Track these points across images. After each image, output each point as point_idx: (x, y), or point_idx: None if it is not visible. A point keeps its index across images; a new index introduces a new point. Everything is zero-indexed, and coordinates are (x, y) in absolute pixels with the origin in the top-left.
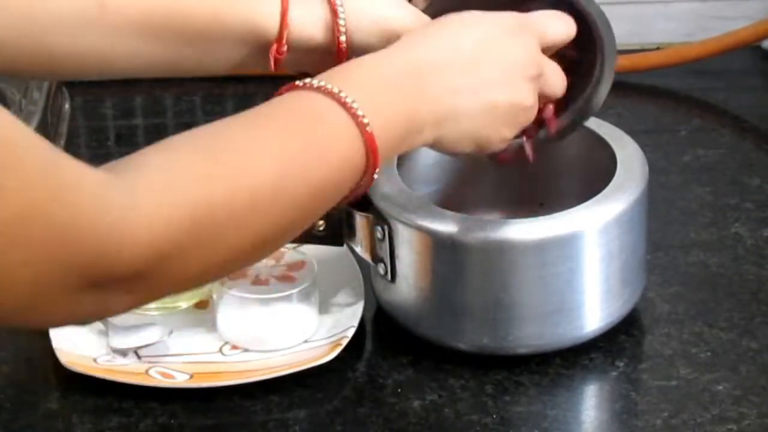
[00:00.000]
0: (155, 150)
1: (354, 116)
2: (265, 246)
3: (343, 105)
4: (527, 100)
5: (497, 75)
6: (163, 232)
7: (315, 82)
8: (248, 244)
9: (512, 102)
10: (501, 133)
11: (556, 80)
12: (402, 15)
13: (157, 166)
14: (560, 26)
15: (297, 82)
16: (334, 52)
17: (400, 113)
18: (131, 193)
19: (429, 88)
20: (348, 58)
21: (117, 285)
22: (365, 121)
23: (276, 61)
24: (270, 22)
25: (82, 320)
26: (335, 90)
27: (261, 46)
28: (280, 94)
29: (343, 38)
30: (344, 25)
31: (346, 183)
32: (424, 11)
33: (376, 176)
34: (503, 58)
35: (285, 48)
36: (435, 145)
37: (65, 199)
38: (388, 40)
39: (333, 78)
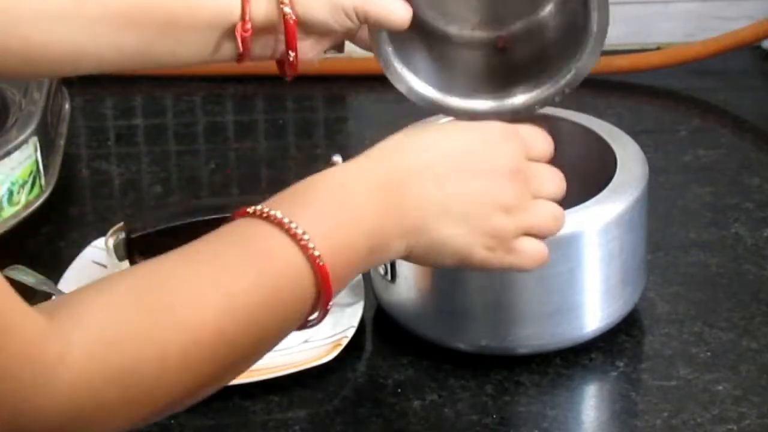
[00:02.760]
0: (95, 296)
1: (304, 248)
2: (198, 393)
3: (293, 237)
4: (509, 209)
5: (473, 184)
6: (87, 392)
7: (265, 209)
8: (178, 396)
9: (488, 212)
10: (482, 246)
11: (551, 182)
12: None
13: (94, 320)
14: (541, 143)
15: (247, 209)
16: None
17: (359, 235)
18: (63, 347)
19: (394, 202)
20: (299, 34)
21: None
22: (316, 253)
23: (244, 42)
24: (234, 0)
25: None
26: (285, 220)
27: (230, 29)
28: (231, 220)
29: (288, 10)
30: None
31: (294, 320)
32: None
33: (330, 306)
34: (482, 167)
35: (249, 26)
36: (411, 258)
37: (2, 341)
38: (337, 11)
39: (285, 203)
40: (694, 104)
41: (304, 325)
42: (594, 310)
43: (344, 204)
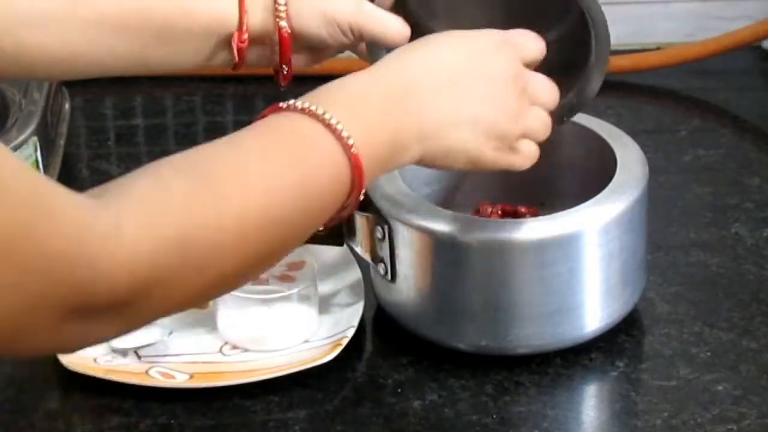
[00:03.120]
0: (142, 174)
1: (339, 138)
2: (253, 269)
3: (328, 126)
4: (513, 113)
5: (479, 90)
6: (148, 260)
7: (299, 103)
8: (235, 269)
9: (496, 116)
10: (492, 148)
11: (546, 91)
12: (342, 3)
13: (143, 192)
14: (533, 45)
15: (280, 104)
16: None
17: (384, 132)
18: (115, 220)
19: (412, 105)
20: (294, 47)
21: (101, 313)
22: (350, 141)
23: (240, 51)
24: (231, 9)
25: (66, 349)
26: (319, 111)
27: (226, 37)
28: (263, 116)
29: (283, 24)
30: (284, 11)
31: (332, 204)
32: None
33: (361, 197)
34: (485, 74)
35: (246, 36)
36: (424, 162)
37: (48, 225)
38: (332, 27)
39: (317, 99)
40: (694, 104)
41: (340, 210)
42: (594, 310)
43: (367, 106)
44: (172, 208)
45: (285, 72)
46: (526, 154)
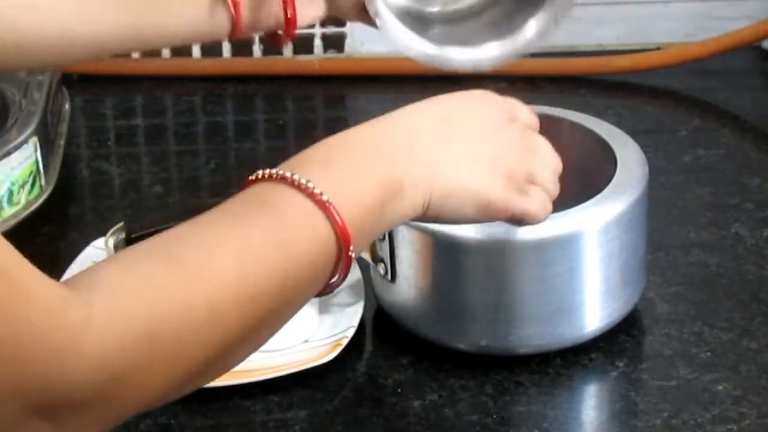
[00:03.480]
0: (114, 263)
1: (312, 195)
2: (231, 356)
3: (298, 187)
4: (516, 150)
5: (476, 129)
6: (117, 352)
7: (272, 171)
8: (210, 355)
9: (499, 151)
10: (501, 185)
11: (543, 146)
12: None
13: (113, 282)
14: (522, 108)
15: (251, 177)
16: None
17: (369, 181)
18: (86, 310)
19: (400, 148)
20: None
21: (68, 411)
22: (324, 198)
23: (236, 8)
24: None
25: None
26: (287, 174)
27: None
28: (241, 189)
29: None
30: None
31: (316, 271)
32: None
33: (353, 257)
34: (479, 115)
35: None
36: (430, 211)
37: (19, 309)
38: None
39: (289, 164)
40: (694, 104)
41: (325, 288)
42: (594, 310)
43: (346, 158)
44: (140, 297)
45: (289, 16)
46: (539, 202)
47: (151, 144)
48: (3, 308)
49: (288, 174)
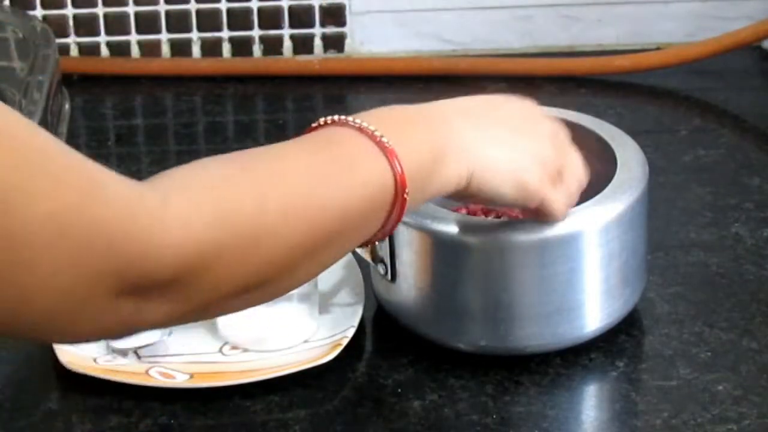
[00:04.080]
0: (188, 165)
1: (378, 142)
2: (299, 267)
3: (365, 132)
4: (552, 143)
5: (512, 119)
6: (195, 236)
7: (335, 117)
8: (281, 258)
9: (537, 143)
10: (537, 173)
11: (579, 163)
12: None
13: (187, 175)
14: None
15: (313, 124)
16: None
17: (421, 142)
18: (162, 197)
19: (450, 123)
20: None
21: (153, 291)
22: (385, 141)
23: None
24: None
25: (115, 332)
26: (355, 122)
27: None
28: (311, 130)
29: None
30: None
31: (375, 207)
32: None
33: (407, 202)
34: (516, 110)
35: None
36: (473, 183)
37: (97, 200)
38: None
39: (363, 117)
40: (694, 104)
41: (380, 231)
42: (594, 310)
43: (402, 123)
44: (216, 190)
45: None
46: (565, 199)
47: (151, 144)
48: (86, 205)
49: (357, 122)
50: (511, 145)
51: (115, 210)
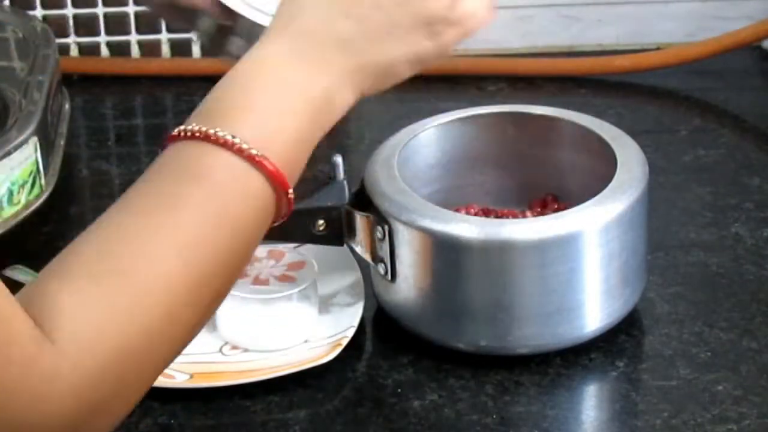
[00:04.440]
0: (64, 288)
1: (239, 151)
2: (197, 329)
3: (224, 144)
4: (427, 5)
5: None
6: (92, 386)
7: (194, 129)
8: (178, 347)
9: (408, 9)
10: (427, 35)
11: None
12: None
13: (71, 313)
14: None
15: (173, 132)
16: None
17: (293, 109)
18: (56, 351)
19: (312, 60)
20: None
21: None
22: (253, 152)
23: None
24: None
25: None
26: (211, 132)
27: None
28: (163, 147)
29: None
30: None
31: (259, 225)
32: None
33: (291, 193)
34: None
35: None
36: (370, 95)
37: (3, 356)
38: None
39: (208, 115)
40: (694, 104)
41: (278, 213)
42: (594, 310)
43: (266, 92)
44: (101, 325)
45: None
46: (474, 15)
47: (151, 144)
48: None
49: (211, 131)
50: (388, 26)
51: (15, 373)
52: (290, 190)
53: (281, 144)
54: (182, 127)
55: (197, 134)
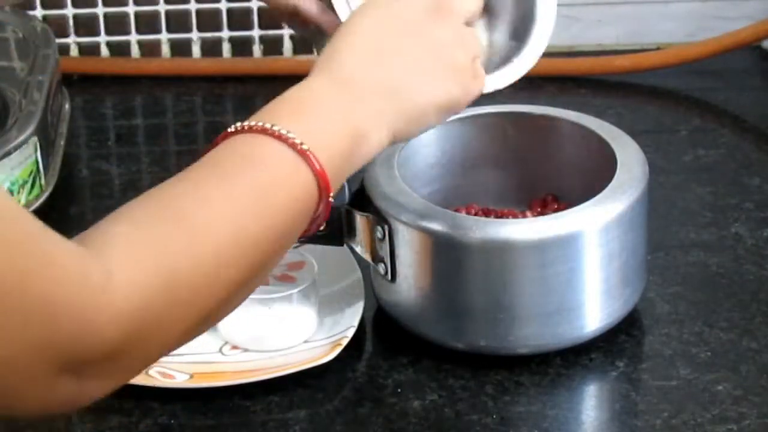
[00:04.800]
0: (119, 220)
1: (292, 145)
2: (237, 296)
3: (278, 137)
4: (455, 43)
5: (407, 41)
6: (139, 305)
7: (251, 123)
8: (220, 299)
9: (443, 53)
10: (455, 85)
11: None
12: None
13: (125, 239)
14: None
15: (229, 129)
16: None
17: (338, 129)
18: (107, 269)
19: (353, 96)
20: None
21: (95, 366)
22: (304, 147)
23: None
24: None
25: (60, 407)
26: (267, 126)
27: None
28: (215, 144)
29: None
30: None
31: (302, 216)
32: None
33: (331, 200)
34: (404, 23)
35: None
36: (398, 138)
37: (43, 273)
38: None
39: (263, 117)
40: (694, 104)
41: (314, 219)
42: (594, 310)
43: (317, 110)
44: (153, 254)
45: None
46: (481, 73)
47: (151, 144)
48: (33, 272)
49: (268, 126)
50: (420, 73)
51: (59, 284)
52: (331, 195)
53: (327, 151)
54: (237, 124)
55: (254, 128)
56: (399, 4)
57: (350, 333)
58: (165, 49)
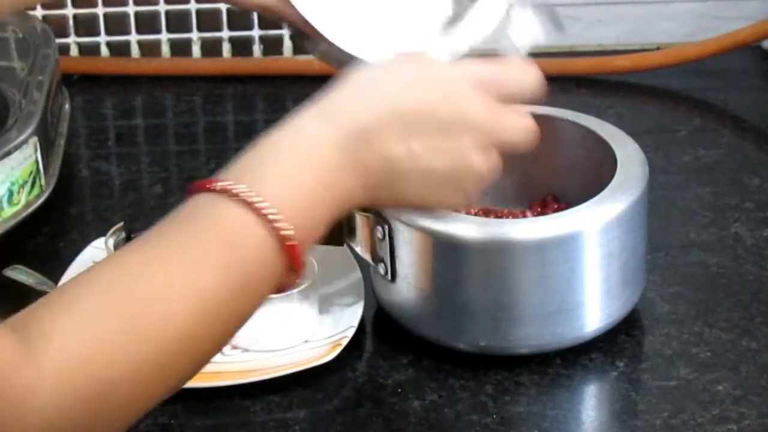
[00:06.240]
0: (62, 310)
1: (274, 229)
2: (172, 391)
3: (259, 214)
4: (473, 167)
5: (438, 140)
6: (57, 415)
7: (228, 183)
8: (153, 402)
9: (453, 170)
10: (447, 199)
11: (515, 137)
12: None
13: (63, 338)
14: (525, 80)
15: (208, 183)
16: None
17: (326, 191)
18: (37, 371)
19: (358, 159)
20: None
21: None
22: (283, 229)
23: None
24: None
25: None
26: (251, 195)
27: None
28: (191, 193)
29: None
30: None
31: (264, 296)
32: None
33: (301, 274)
34: (446, 123)
35: None
36: (375, 206)
37: None
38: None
39: (248, 173)
40: (694, 104)
41: (280, 287)
42: (594, 310)
43: (308, 164)
44: (89, 362)
45: None
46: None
47: (151, 144)
48: None
49: (251, 195)
50: (419, 176)
51: None
52: (301, 270)
53: (299, 217)
54: (211, 182)
55: (221, 189)
56: (449, 84)
57: (350, 333)
58: (165, 49)
